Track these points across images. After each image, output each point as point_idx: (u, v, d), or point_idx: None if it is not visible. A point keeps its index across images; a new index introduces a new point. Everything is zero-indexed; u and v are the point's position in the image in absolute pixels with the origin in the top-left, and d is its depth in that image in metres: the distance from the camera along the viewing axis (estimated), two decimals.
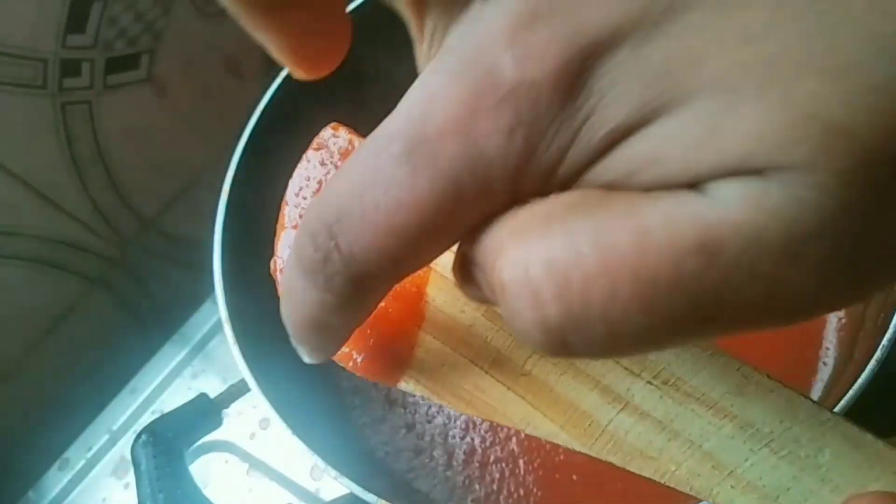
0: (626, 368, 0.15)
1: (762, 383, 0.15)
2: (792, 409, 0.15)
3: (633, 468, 0.16)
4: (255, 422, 0.51)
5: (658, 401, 0.15)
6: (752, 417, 0.15)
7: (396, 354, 0.17)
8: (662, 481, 0.16)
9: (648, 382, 0.15)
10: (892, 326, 0.33)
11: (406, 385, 0.17)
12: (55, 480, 0.53)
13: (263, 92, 0.43)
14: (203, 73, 0.54)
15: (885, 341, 0.33)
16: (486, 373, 0.16)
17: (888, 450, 0.15)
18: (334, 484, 0.38)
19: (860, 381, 0.32)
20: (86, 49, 0.46)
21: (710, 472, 0.15)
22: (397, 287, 0.15)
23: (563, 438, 0.16)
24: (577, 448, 0.16)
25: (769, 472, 0.15)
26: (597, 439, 0.16)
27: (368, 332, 0.17)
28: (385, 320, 0.17)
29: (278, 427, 0.36)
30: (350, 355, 0.17)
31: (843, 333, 0.41)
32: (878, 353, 0.33)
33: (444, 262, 0.16)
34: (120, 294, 0.56)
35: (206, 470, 0.50)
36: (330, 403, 0.45)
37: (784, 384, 0.15)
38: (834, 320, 0.42)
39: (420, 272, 0.16)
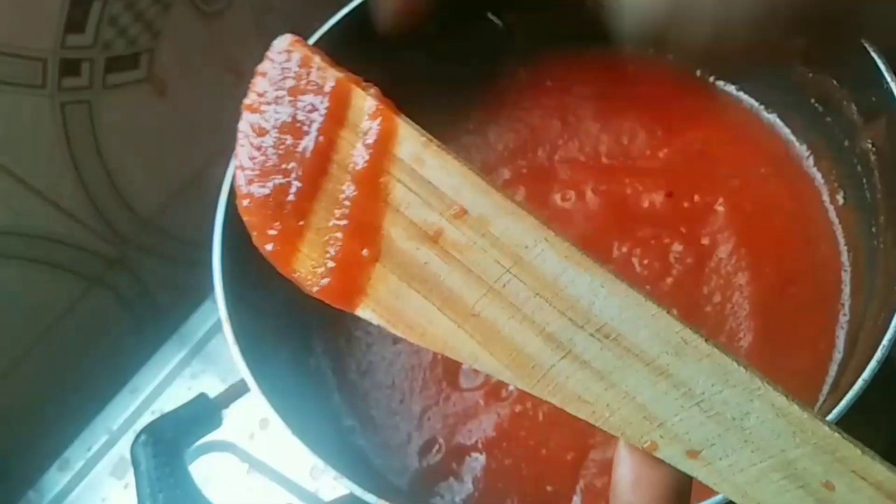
0: (570, 319, 0.16)
1: (699, 348, 0.16)
2: (725, 375, 0.16)
3: (570, 410, 0.17)
4: (254, 422, 0.51)
5: (598, 352, 0.16)
6: (685, 377, 0.16)
7: (354, 283, 0.18)
8: (597, 424, 0.17)
9: (591, 335, 0.16)
10: (892, 326, 0.33)
11: (363, 312, 0.18)
12: (55, 480, 0.53)
13: None
14: (202, 72, 0.54)
15: (885, 341, 0.33)
16: (438, 309, 0.17)
17: (811, 422, 0.16)
18: (334, 484, 0.38)
19: (861, 380, 0.32)
20: (85, 49, 0.46)
21: (641, 421, 0.16)
22: (354, 218, 0.17)
23: (508, 376, 0.17)
24: (520, 386, 0.17)
25: (696, 428, 0.16)
26: (538, 381, 0.17)
27: (327, 257, 0.18)
28: (343, 249, 0.18)
29: (278, 427, 0.36)
30: (309, 279, 0.18)
31: (846, 332, 0.41)
32: (878, 353, 0.33)
33: (400, 196, 0.17)
34: (119, 293, 0.56)
35: (206, 470, 0.50)
36: (329, 403, 0.45)
37: (721, 350, 0.16)
38: (842, 319, 0.42)
39: (376, 206, 0.17)
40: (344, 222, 0.18)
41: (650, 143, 0.48)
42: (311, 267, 0.18)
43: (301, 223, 0.18)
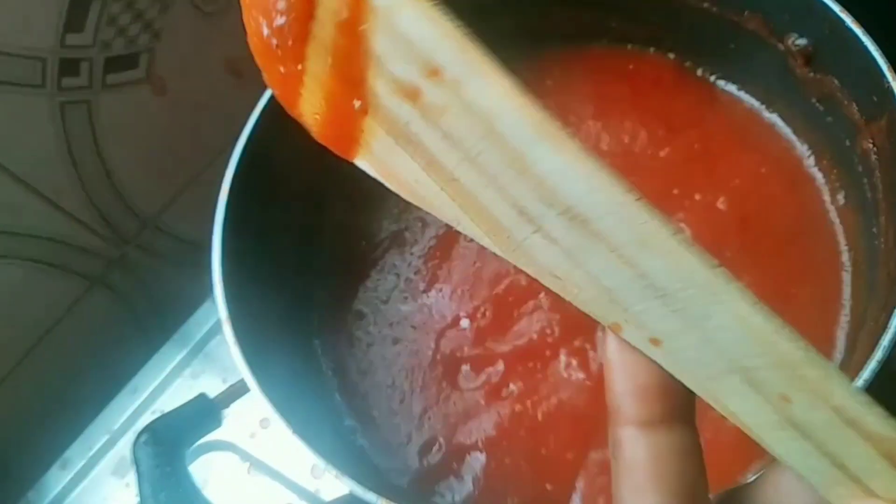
0: (540, 198, 0.16)
1: (664, 243, 0.16)
2: (689, 273, 0.16)
3: (544, 282, 0.17)
4: (254, 421, 0.51)
5: (566, 232, 0.16)
6: (649, 270, 0.16)
7: (349, 133, 0.17)
8: (568, 299, 0.17)
9: (559, 215, 0.16)
10: (892, 327, 0.33)
11: (360, 163, 0.18)
12: (56, 480, 0.54)
13: (263, 91, 0.43)
14: (202, 72, 0.54)
15: (885, 341, 0.33)
16: (423, 170, 0.17)
17: (774, 335, 0.16)
18: (335, 483, 0.38)
19: (861, 381, 0.32)
20: (84, 48, 0.46)
21: (606, 303, 0.16)
22: (341, 67, 0.17)
23: (487, 242, 0.17)
24: (499, 253, 0.17)
25: (659, 319, 0.16)
26: (514, 251, 0.17)
27: (324, 104, 0.17)
28: (336, 98, 0.17)
29: (278, 427, 0.36)
30: (311, 124, 0.18)
31: (846, 333, 0.41)
32: (878, 354, 0.33)
33: (380, 48, 0.16)
34: (120, 294, 0.56)
35: (207, 469, 0.50)
36: (330, 403, 0.45)
37: (686, 248, 0.16)
38: (842, 319, 0.42)
39: (359, 56, 0.17)
40: (334, 70, 0.17)
41: (651, 142, 0.48)
42: (311, 112, 0.18)
43: (299, 67, 0.18)
